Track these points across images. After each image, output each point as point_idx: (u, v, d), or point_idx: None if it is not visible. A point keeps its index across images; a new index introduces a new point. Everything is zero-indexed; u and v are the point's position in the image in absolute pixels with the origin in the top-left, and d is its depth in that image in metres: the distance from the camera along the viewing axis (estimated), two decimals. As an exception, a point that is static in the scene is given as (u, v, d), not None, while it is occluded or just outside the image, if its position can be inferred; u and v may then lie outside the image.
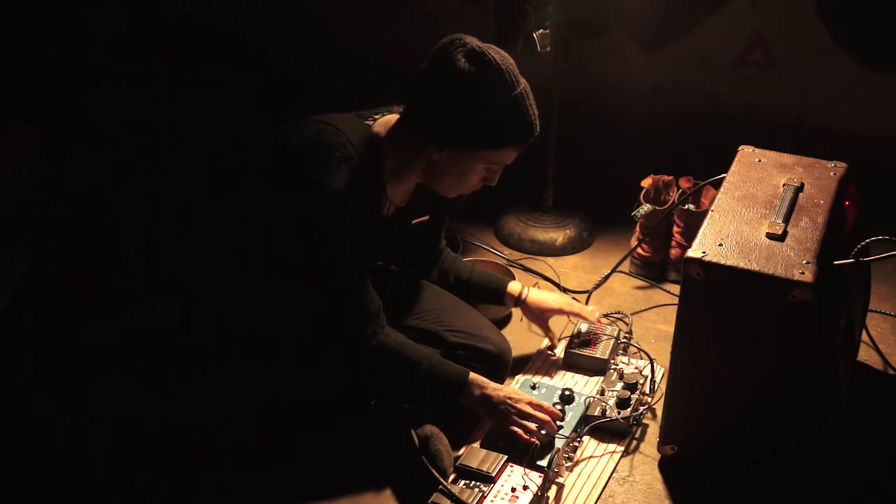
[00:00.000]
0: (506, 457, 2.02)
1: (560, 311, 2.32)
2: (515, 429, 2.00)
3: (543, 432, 2.02)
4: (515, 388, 2.09)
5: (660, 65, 3.55)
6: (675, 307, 1.93)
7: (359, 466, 2.05)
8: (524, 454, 2.00)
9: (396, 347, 1.97)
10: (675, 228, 2.75)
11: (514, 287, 2.34)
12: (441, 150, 1.90)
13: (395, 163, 1.96)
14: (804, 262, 1.82)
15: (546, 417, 2.02)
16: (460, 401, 2.02)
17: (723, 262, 1.84)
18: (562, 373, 2.34)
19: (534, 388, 2.23)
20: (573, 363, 2.36)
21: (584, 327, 2.43)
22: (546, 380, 2.31)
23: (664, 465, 2.10)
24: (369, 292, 1.95)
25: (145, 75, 3.87)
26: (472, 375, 2.02)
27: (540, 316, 2.32)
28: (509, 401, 2.02)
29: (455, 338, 2.17)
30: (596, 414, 2.14)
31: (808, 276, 1.78)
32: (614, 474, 2.08)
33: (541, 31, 2.61)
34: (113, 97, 3.72)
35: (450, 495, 1.91)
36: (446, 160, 1.92)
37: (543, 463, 1.99)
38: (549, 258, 2.92)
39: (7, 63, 3.64)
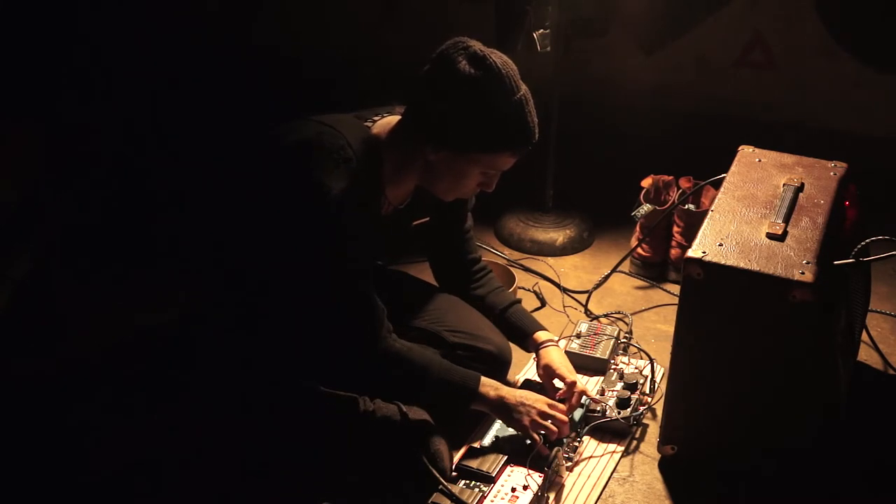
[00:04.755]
0: (506, 457, 2.02)
1: (561, 378, 2.17)
2: (533, 433, 2.00)
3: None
4: (526, 391, 2.07)
5: (660, 65, 3.55)
6: (675, 307, 1.93)
7: (359, 467, 2.04)
8: (526, 454, 2.00)
9: (406, 351, 1.97)
10: (675, 228, 2.75)
11: (539, 335, 2.23)
12: (438, 152, 1.90)
13: (394, 164, 1.96)
14: (804, 262, 1.82)
15: (563, 418, 2.02)
16: (471, 405, 2.02)
17: (723, 262, 1.84)
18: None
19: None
20: (573, 363, 2.35)
21: (584, 327, 2.43)
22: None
23: (664, 465, 2.10)
24: (373, 296, 1.94)
25: (146, 75, 3.87)
26: (484, 379, 2.02)
27: (545, 371, 2.20)
28: (527, 402, 2.01)
29: (456, 338, 2.17)
30: (596, 414, 2.14)
31: (808, 276, 1.78)
32: (614, 474, 2.08)
33: (541, 31, 2.61)
34: (114, 97, 3.72)
35: (450, 495, 1.91)
36: (443, 162, 1.92)
37: (544, 463, 1.99)
38: (549, 258, 2.93)
39: (7, 63, 3.64)
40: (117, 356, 2.37)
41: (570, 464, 2.06)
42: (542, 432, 2.01)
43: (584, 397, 2.17)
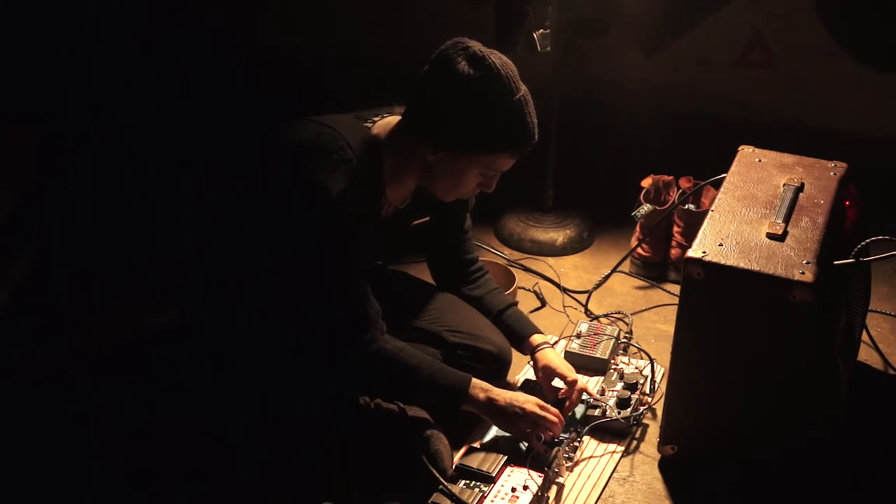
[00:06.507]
0: (506, 457, 2.02)
1: (562, 377, 2.18)
2: (524, 434, 2.00)
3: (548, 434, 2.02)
4: (518, 392, 2.07)
5: (660, 65, 3.55)
6: (675, 307, 1.94)
7: (359, 467, 2.05)
8: (526, 454, 2.00)
9: (396, 352, 1.96)
10: (675, 228, 2.75)
11: (535, 338, 2.24)
12: (437, 152, 1.90)
13: (394, 165, 1.96)
14: (804, 262, 1.82)
15: (554, 419, 2.02)
16: (461, 407, 2.01)
17: (723, 262, 1.84)
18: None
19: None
20: (573, 363, 2.35)
21: (584, 327, 2.43)
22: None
23: (664, 465, 2.10)
24: (368, 297, 1.94)
25: (146, 74, 3.87)
26: (475, 381, 2.02)
27: (544, 373, 2.21)
28: (516, 403, 2.01)
29: (456, 338, 2.17)
30: (596, 414, 2.14)
31: (809, 276, 1.78)
32: (614, 474, 2.08)
33: (541, 31, 2.61)
34: (114, 97, 3.72)
35: (450, 495, 1.91)
36: (442, 163, 1.92)
37: (544, 463, 1.99)
38: (549, 258, 2.92)
39: (7, 63, 3.64)
40: (117, 356, 2.37)
41: (570, 464, 2.06)
42: (534, 432, 2.01)
43: (585, 399, 2.17)
